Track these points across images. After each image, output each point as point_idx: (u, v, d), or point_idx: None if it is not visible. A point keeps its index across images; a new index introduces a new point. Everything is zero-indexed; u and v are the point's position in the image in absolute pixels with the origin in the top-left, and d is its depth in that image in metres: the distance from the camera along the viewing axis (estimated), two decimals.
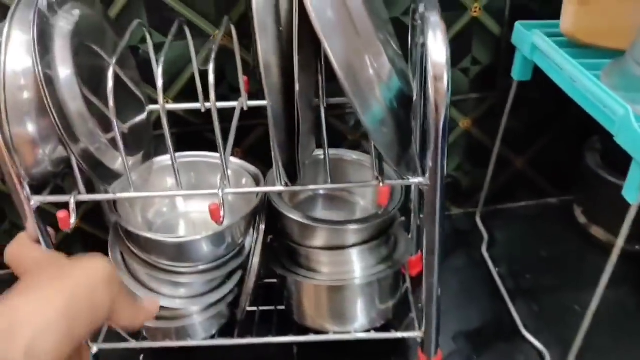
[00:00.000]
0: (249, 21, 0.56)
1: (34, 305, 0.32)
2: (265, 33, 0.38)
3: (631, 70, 0.48)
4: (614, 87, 0.47)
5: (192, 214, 0.58)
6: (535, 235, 0.69)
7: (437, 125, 0.41)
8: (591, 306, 0.49)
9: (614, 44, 0.52)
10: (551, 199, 0.74)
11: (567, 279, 0.62)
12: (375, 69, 0.39)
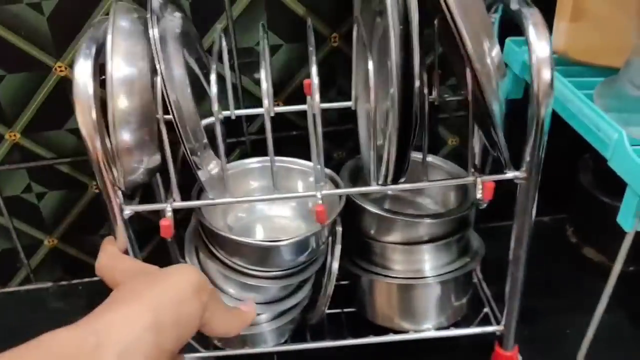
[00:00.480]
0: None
1: (121, 322, 0.31)
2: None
3: (625, 90, 0.48)
4: (607, 107, 0.47)
5: (270, 219, 0.57)
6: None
7: (538, 119, 0.43)
8: (588, 332, 0.50)
9: (607, 62, 0.52)
10: (544, 217, 0.75)
11: (558, 301, 0.62)
12: (492, 58, 0.41)
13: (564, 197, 0.71)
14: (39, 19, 0.55)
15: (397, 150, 0.42)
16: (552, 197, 0.73)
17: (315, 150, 0.45)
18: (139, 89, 0.40)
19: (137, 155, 0.42)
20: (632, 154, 0.41)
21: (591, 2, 0.52)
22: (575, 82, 0.50)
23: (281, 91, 0.61)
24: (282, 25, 0.58)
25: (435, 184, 0.51)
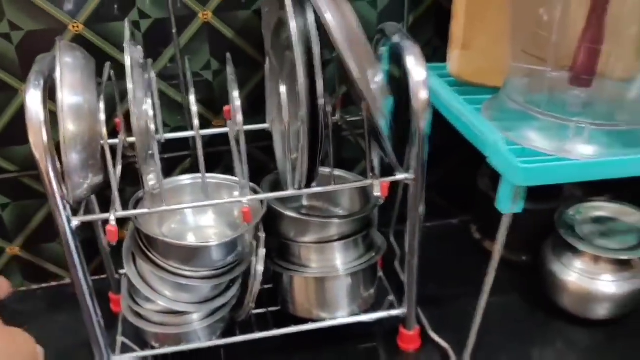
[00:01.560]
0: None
1: None
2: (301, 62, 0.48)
3: (505, 104, 0.59)
4: (492, 118, 0.58)
5: (200, 229, 0.64)
6: (439, 251, 0.82)
7: (419, 131, 0.54)
8: (478, 308, 0.60)
9: (493, 83, 0.61)
10: (453, 220, 0.88)
11: (464, 286, 0.69)
12: (376, 83, 0.51)
13: (469, 201, 0.83)
14: (9, 47, 0.63)
15: (309, 160, 0.51)
16: (459, 202, 0.86)
17: (240, 165, 0.53)
18: (85, 115, 0.47)
19: (83, 173, 0.48)
20: (504, 151, 0.52)
21: (476, 35, 0.63)
22: (468, 99, 0.61)
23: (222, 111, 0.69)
24: (222, 53, 0.67)
25: (340, 187, 0.60)
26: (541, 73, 0.58)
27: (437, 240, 0.83)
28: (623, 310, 0.67)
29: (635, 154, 0.52)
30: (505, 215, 0.55)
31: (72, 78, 0.47)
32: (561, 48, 0.56)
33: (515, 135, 0.56)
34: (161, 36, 0.65)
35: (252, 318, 0.66)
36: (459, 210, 0.87)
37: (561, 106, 0.57)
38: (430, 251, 0.63)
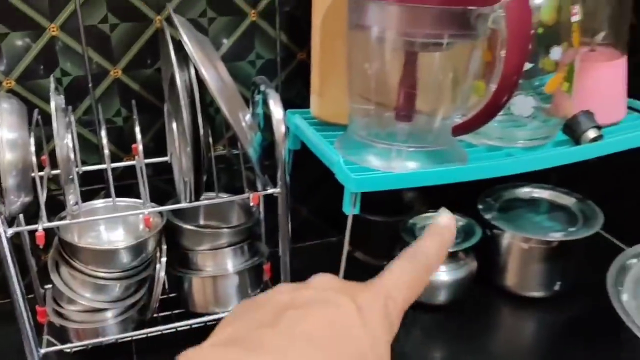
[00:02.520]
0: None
1: None
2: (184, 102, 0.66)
3: (351, 137, 0.75)
4: (342, 148, 0.73)
5: (112, 244, 0.78)
6: (320, 265, 0.98)
7: (281, 156, 0.71)
8: None
9: (344, 121, 0.76)
10: (331, 238, 1.03)
11: None
12: (245, 122, 0.69)
13: (343, 221, 0.99)
14: None
15: (195, 180, 0.68)
16: (336, 223, 1.02)
17: (142, 187, 0.69)
18: (19, 148, 0.62)
19: (18, 193, 0.63)
20: (343, 168, 0.69)
21: (329, 84, 0.82)
22: (326, 134, 0.78)
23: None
24: (130, 102, 0.81)
25: (221, 199, 0.77)
26: (374, 112, 0.77)
27: (319, 256, 1.00)
28: (457, 296, 0.86)
29: (439, 167, 0.72)
30: (349, 215, 0.73)
31: (9, 119, 0.62)
32: (387, 92, 0.76)
33: (357, 158, 0.74)
34: (79, 90, 0.81)
35: (159, 319, 0.80)
36: (337, 229, 1.04)
37: (392, 136, 0.76)
38: (310, 261, 0.79)
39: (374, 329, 0.29)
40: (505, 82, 0.66)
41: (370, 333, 0.29)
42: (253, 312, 0.30)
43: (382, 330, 0.30)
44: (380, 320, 0.30)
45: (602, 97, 0.85)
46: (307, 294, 0.31)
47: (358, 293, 0.31)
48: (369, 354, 0.28)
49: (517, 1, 0.63)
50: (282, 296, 0.31)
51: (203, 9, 0.81)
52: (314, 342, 0.27)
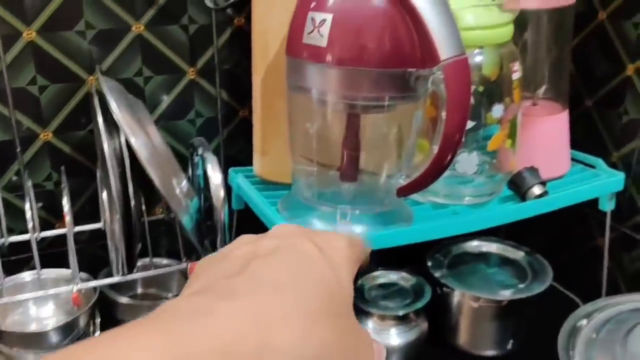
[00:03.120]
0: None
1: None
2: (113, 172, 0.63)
3: (294, 198, 0.74)
4: (285, 209, 0.72)
5: (40, 320, 0.73)
6: None
7: (220, 221, 0.69)
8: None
9: (287, 180, 0.74)
10: None
11: None
12: (180, 189, 0.66)
13: None
14: None
15: (126, 251, 0.64)
16: None
17: (72, 258, 0.65)
18: None
19: None
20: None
21: (271, 143, 0.80)
22: (269, 194, 0.76)
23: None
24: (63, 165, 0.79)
25: (157, 272, 0.73)
26: (317, 173, 0.75)
27: None
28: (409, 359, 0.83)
29: (385, 228, 0.70)
30: None
31: None
32: (329, 153, 0.74)
33: (301, 221, 0.72)
34: (7, 154, 0.77)
35: None
36: None
37: (336, 196, 0.74)
38: None
39: (338, 268, 0.32)
40: (447, 143, 0.65)
41: (334, 272, 0.31)
42: (219, 263, 0.31)
43: (345, 268, 0.32)
44: (342, 259, 0.32)
45: (545, 151, 0.85)
46: (270, 242, 0.32)
47: (319, 235, 0.33)
48: (336, 292, 0.30)
49: (455, 63, 0.62)
50: (247, 247, 0.32)
51: (139, 68, 0.79)
52: (281, 286, 0.29)
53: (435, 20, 0.62)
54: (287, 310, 0.28)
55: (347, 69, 0.63)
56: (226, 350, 0.25)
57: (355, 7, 0.62)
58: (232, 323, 0.27)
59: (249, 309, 0.27)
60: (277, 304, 0.28)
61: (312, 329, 0.28)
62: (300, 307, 0.28)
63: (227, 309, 0.27)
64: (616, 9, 0.85)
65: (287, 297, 0.28)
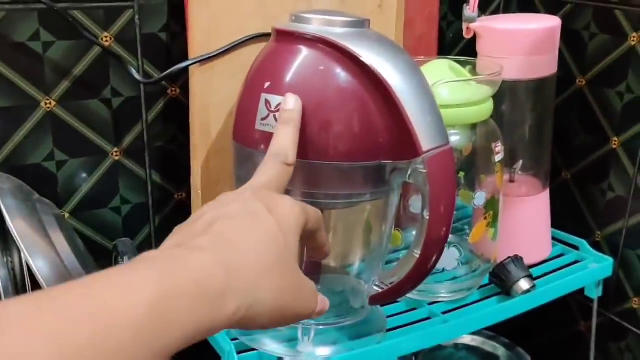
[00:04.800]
0: None
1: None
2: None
3: None
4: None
5: None
6: None
7: None
8: None
9: None
10: None
11: None
12: None
13: None
14: None
15: None
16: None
17: None
18: None
19: None
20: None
21: None
22: None
23: None
24: None
25: None
26: None
27: None
28: None
29: (354, 342, 0.60)
30: None
31: None
32: None
33: (254, 342, 0.60)
34: None
35: None
36: None
37: None
38: None
39: (286, 230, 0.39)
40: (431, 247, 0.56)
41: (282, 233, 0.39)
42: (190, 227, 0.38)
43: (292, 232, 0.40)
44: (289, 223, 0.40)
45: (526, 234, 0.78)
46: (232, 208, 0.40)
47: (274, 200, 0.41)
48: (282, 249, 0.38)
49: (439, 155, 0.54)
50: (212, 212, 0.39)
51: (49, 151, 0.66)
52: (239, 243, 0.37)
53: (415, 104, 0.53)
54: (243, 261, 0.36)
55: (311, 162, 0.53)
56: (201, 283, 0.33)
57: (319, 88, 0.53)
58: (202, 265, 0.34)
59: (214, 258, 0.35)
60: (236, 256, 0.36)
61: (263, 275, 0.37)
62: (253, 259, 0.37)
63: (198, 256, 0.34)
64: (596, 75, 0.79)
65: (243, 251, 0.37)
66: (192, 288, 0.32)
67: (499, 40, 0.70)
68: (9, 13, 0.61)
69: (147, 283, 0.30)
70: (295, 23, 0.55)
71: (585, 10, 0.78)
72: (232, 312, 0.34)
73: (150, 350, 0.29)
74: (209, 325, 0.33)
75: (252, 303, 0.35)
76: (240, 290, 0.35)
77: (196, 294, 0.32)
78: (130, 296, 0.29)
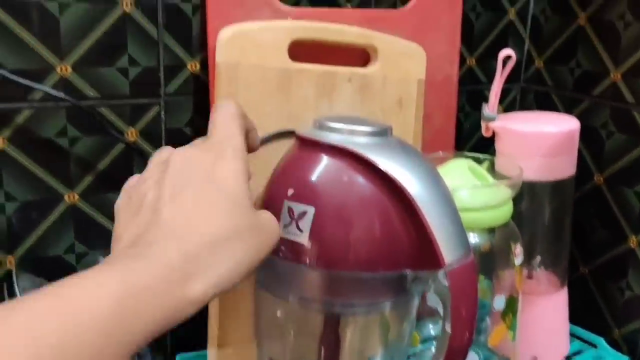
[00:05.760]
0: None
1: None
2: None
3: None
4: None
5: None
6: None
7: None
8: None
9: None
10: None
11: None
12: None
13: None
14: None
15: None
16: None
17: None
18: None
19: None
20: None
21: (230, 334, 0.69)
22: None
23: None
24: None
25: None
26: None
27: None
28: None
29: None
30: None
31: None
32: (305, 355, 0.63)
33: None
34: None
35: None
36: None
37: None
38: None
39: (233, 179, 0.41)
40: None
41: (229, 189, 0.40)
42: (133, 218, 0.40)
43: (240, 180, 0.41)
44: (234, 172, 0.41)
45: (545, 334, 0.77)
46: (171, 181, 0.40)
47: (216, 157, 0.42)
48: (233, 198, 0.40)
49: (461, 269, 0.54)
50: (151, 193, 0.40)
51: (70, 244, 0.67)
52: (193, 225, 0.37)
53: (437, 215, 0.53)
54: (200, 243, 0.36)
55: (333, 272, 0.53)
56: (162, 276, 0.34)
57: (343, 199, 0.53)
58: (160, 259, 0.35)
59: (170, 249, 0.36)
60: (191, 239, 0.36)
61: (222, 249, 0.37)
62: (208, 237, 0.37)
63: (154, 252, 0.35)
64: (614, 174, 0.80)
65: (197, 234, 0.37)
66: (154, 281, 0.33)
67: (518, 141, 0.71)
68: (38, 111, 0.63)
69: (110, 282, 0.32)
70: (319, 131, 0.56)
71: (603, 108, 0.80)
72: (201, 295, 0.35)
73: (118, 345, 0.31)
74: (179, 314, 0.34)
75: (219, 279, 0.37)
76: (204, 273, 0.36)
77: (160, 286, 0.33)
78: (95, 294, 0.31)
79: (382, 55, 0.71)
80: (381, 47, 0.71)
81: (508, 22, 0.88)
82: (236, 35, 0.63)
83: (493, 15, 0.87)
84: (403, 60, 0.73)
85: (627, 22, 0.76)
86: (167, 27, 0.66)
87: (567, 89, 0.85)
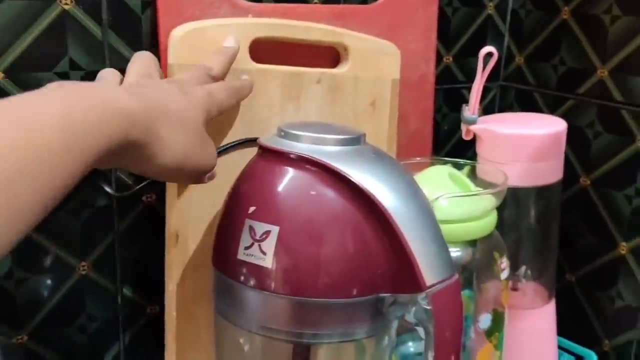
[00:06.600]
0: None
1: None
2: None
3: None
4: None
5: None
6: None
7: None
8: None
9: None
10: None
11: None
12: None
13: None
14: None
15: None
16: None
17: None
18: None
19: None
20: None
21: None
22: None
23: None
24: None
25: None
26: None
27: None
28: None
29: None
30: None
31: None
32: None
33: None
34: None
35: None
36: None
37: None
38: None
39: (194, 107, 0.47)
40: None
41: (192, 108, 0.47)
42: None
43: (200, 110, 0.48)
44: (195, 100, 0.47)
45: (531, 349, 0.72)
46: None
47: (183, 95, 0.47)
48: (197, 127, 0.47)
49: (445, 290, 0.49)
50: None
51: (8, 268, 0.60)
52: (158, 99, 0.43)
53: (416, 232, 0.48)
54: (157, 104, 0.43)
55: (301, 299, 0.47)
56: (110, 101, 0.38)
57: (311, 217, 0.48)
58: (114, 92, 0.42)
59: (128, 92, 0.42)
60: (150, 97, 0.43)
61: (172, 121, 0.43)
62: (163, 104, 0.43)
63: (109, 86, 0.47)
64: (602, 176, 0.75)
65: (158, 101, 0.43)
66: (102, 103, 0.37)
67: (501, 145, 0.66)
68: None
69: (61, 98, 0.35)
70: (284, 140, 0.50)
71: (589, 107, 0.75)
72: (137, 134, 0.39)
73: (70, 153, 0.33)
74: (118, 140, 0.37)
75: (156, 137, 0.41)
76: (149, 120, 0.40)
77: (106, 109, 0.36)
78: (46, 107, 0.33)
79: (353, 54, 0.65)
80: (352, 45, 0.65)
81: (487, 17, 0.83)
82: (190, 34, 0.57)
83: (471, 10, 0.82)
84: (376, 59, 0.68)
85: (614, 16, 0.71)
86: (113, 26, 0.60)
87: (551, 87, 0.80)
